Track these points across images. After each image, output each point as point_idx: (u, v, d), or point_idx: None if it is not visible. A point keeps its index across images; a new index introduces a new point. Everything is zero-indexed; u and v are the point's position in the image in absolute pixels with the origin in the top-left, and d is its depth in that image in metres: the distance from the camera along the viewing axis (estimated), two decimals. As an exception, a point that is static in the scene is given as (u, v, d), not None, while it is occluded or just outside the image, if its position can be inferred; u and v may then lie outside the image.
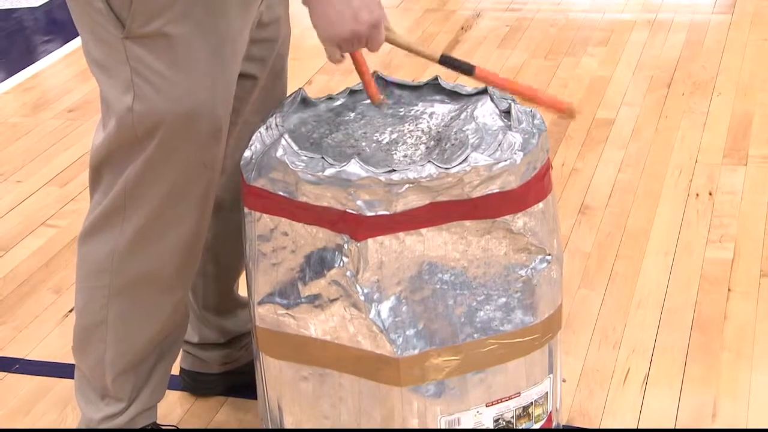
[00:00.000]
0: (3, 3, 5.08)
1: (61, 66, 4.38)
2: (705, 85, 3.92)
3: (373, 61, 2.06)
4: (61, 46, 4.51)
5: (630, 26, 4.48)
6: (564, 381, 2.34)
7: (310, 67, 4.07)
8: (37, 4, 4.93)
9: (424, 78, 2.21)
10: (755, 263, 2.93)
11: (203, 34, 1.92)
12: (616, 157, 3.48)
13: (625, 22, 4.53)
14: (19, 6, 5.02)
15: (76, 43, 2.59)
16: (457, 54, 4.22)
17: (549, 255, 1.96)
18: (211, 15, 1.93)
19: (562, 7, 4.76)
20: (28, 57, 4.55)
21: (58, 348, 2.70)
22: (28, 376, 2.66)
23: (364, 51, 1.94)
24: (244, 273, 2.10)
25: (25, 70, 4.41)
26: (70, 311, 2.69)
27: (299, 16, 2.00)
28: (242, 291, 2.23)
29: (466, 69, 2.03)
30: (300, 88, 2.14)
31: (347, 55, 1.95)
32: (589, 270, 2.93)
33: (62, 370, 2.62)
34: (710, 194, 3.25)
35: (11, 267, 3.10)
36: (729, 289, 2.83)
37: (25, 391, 2.61)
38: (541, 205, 1.93)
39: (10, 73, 4.41)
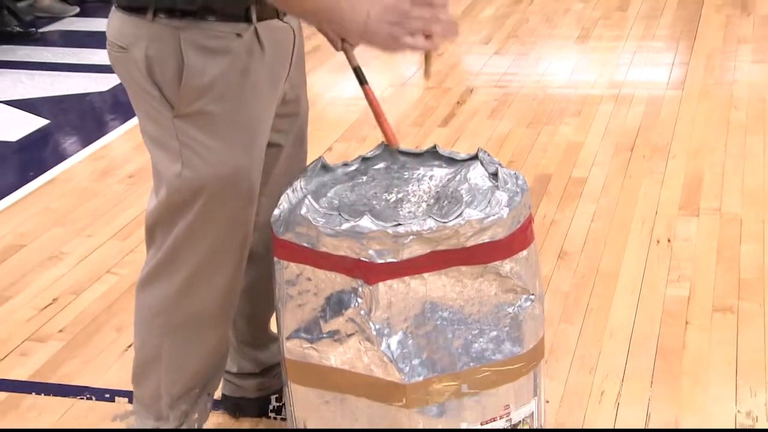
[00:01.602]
0: (78, 89, 5.11)
1: (124, 139, 4.40)
2: (662, 150, 3.92)
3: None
4: (123, 123, 4.54)
5: (598, 100, 4.49)
6: (547, 402, 2.33)
7: (330, 137, 4.07)
8: (105, 89, 4.96)
9: (425, 146, 2.20)
10: (708, 300, 2.91)
11: (237, 111, 1.94)
12: (589, 209, 3.48)
13: (594, 96, 4.54)
14: (90, 91, 5.05)
15: (135, 121, 2.62)
16: (456, 120, 4.29)
17: (532, 295, 1.95)
18: (243, 96, 1.94)
19: (541, 84, 4.78)
20: (98, 132, 4.57)
21: (120, 378, 2.68)
22: (95, 402, 2.65)
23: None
24: (274, 312, 2.09)
25: (95, 142, 4.43)
26: (129, 347, 2.68)
27: (320, 95, 2.01)
28: (273, 327, 2.21)
29: (362, 81, 2.04)
30: (320, 156, 2.13)
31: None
32: (568, 307, 2.92)
33: (122, 396, 2.61)
34: (669, 241, 3.24)
35: (81, 309, 3.09)
36: (686, 322, 2.81)
37: (92, 415, 2.60)
38: (525, 252, 1.93)
39: (83, 145, 4.43)
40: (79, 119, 4.82)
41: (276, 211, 1.97)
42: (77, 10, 6.49)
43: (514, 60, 5.15)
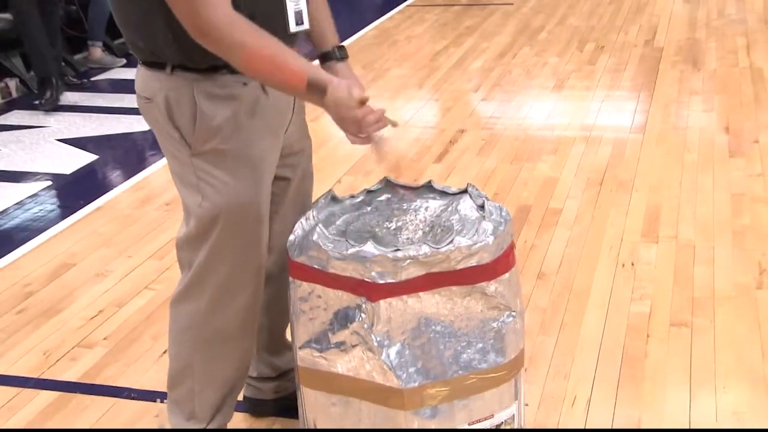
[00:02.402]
0: (123, 129, 5.13)
1: (161, 172, 4.41)
2: (626, 185, 3.92)
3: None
4: (161, 158, 4.54)
5: (572, 141, 4.48)
6: (527, 405, 2.33)
7: (339, 171, 4.06)
8: (145, 129, 4.95)
9: (422, 180, 2.20)
10: (666, 316, 2.90)
11: (245, 149, 1.95)
12: (564, 236, 3.47)
13: (568, 137, 4.54)
14: (133, 131, 5.06)
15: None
16: (448, 158, 4.29)
17: (514, 312, 1.96)
18: (250, 136, 1.95)
19: (523, 127, 4.78)
20: (139, 166, 4.58)
21: (156, 380, 2.68)
22: (134, 401, 2.63)
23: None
24: (289, 325, 2.08)
25: (136, 175, 4.44)
26: (164, 353, 2.67)
27: (331, 135, 2.01)
28: (288, 337, 2.19)
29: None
30: (331, 189, 2.14)
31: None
32: (545, 321, 2.90)
33: (158, 396, 2.60)
34: (632, 264, 3.23)
35: (124, 319, 3.08)
36: (648, 335, 2.80)
37: (131, 412, 2.59)
38: (507, 275, 1.94)
39: (126, 177, 4.44)
40: (123, 155, 4.83)
41: (291, 237, 1.98)
42: (124, 61, 6.52)
43: (499, 106, 5.15)
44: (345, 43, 2.15)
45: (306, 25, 1.98)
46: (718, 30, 6.36)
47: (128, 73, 6.26)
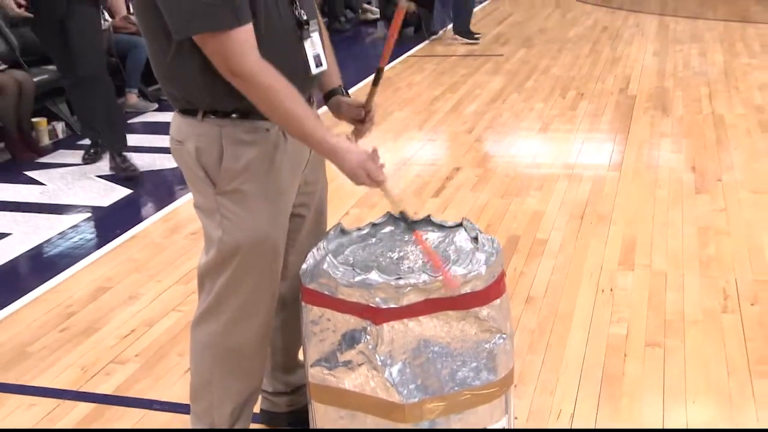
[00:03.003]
0: (155, 166, 5.14)
1: (188, 205, 4.39)
2: (605, 218, 3.91)
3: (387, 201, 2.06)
4: (187, 192, 4.53)
5: (556, 178, 4.48)
6: (516, 419, 2.31)
7: (347, 204, 4.07)
8: (174, 166, 4.95)
9: (421, 214, 2.19)
10: (641, 337, 2.88)
11: (265, 189, 1.96)
12: (549, 264, 3.46)
13: (553, 175, 4.54)
14: (163, 168, 5.07)
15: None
16: (445, 193, 4.29)
17: (504, 334, 1.95)
18: (269, 177, 1.96)
19: (512, 165, 4.78)
20: (168, 199, 4.58)
21: (181, 393, 2.65)
22: (162, 412, 2.62)
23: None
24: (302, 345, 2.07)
25: (166, 207, 4.45)
26: (188, 370, 2.64)
27: (339, 172, 2.00)
28: (300, 356, 2.18)
29: (409, 225, 2.07)
30: (339, 222, 2.14)
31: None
32: (533, 341, 2.88)
33: (183, 409, 2.56)
34: (611, 290, 3.22)
35: (153, 338, 3.07)
36: (625, 355, 2.78)
37: (160, 423, 2.57)
38: (498, 300, 1.93)
39: (157, 209, 4.45)
40: (155, 189, 4.84)
41: (304, 266, 1.98)
42: (156, 106, 6.55)
43: (491, 146, 5.16)
44: (351, 90, 2.17)
45: (324, 67, 1.99)
46: (684, 80, 6.38)
47: (159, 117, 6.30)
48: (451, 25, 8.84)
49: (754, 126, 5.11)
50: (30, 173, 5.13)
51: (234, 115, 1.88)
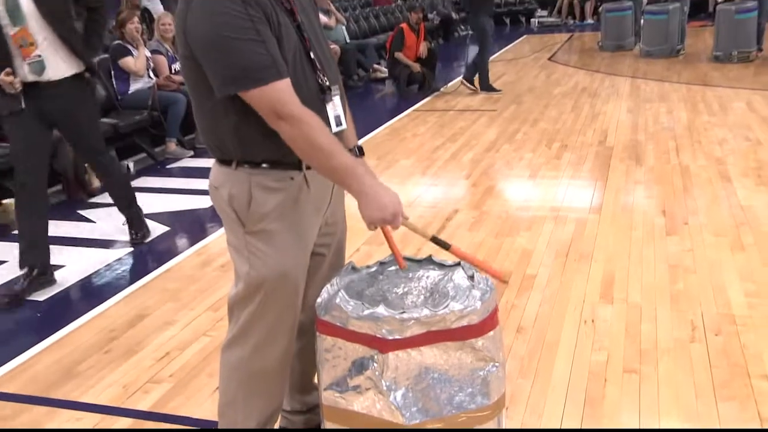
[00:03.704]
0: (190, 206, 5.16)
1: (218, 241, 4.42)
2: (587, 256, 3.89)
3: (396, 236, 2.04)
4: (218, 230, 4.56)
5: (543, 220, 4.47)
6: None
7: (358, 241, 4.07)
8: (207, 206, 4.99)
9: (423, 253, 2.18)
10: (620, 364, 2.85)
11: (289, 229, 1.96)
12: (538, 298, 3.44)
13: (540, 216, 4.53)
14: (197, 207, 5.09)
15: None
16: (445, 232, 4.28)
17: (497, 362, 1.93)
18: (293, 220, 1.96)
19: (505, 208, 4.77)
20: (201, 235, 4.59)
21: (211, 411, 2.64)
22: (193, 428, 2.61)
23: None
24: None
25: (199, 243, 4.46)
26: (216, 389, 2.62)
27: (351, 211, 2.00)
28: (316, 380, 2.16)
29: (445, 246, 2.04)
30: (351, 261, 2.12)
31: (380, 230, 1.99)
32: (524, 367, 2.86)
33: (212, 425, 2.56)
34: (592, 321, 3.19)
35: (185, 360, 3.06)
36: (605, 380, 2.75)
37: (189, 437, 2.55)
38: (492, 332, 1.91)
39: (191, 244, 4.46)
40: (189, 226, 4.85)
41: (319, 299, 1.97)
42: (191, 153, 6.59)
43: (486, 190, 5.15)
44: (364, 140, 2.17)
45: (344, 126, 2.00)
46: (654, 135, 6.39)
47: (194, 162, 6.34)
48: (452, 82, 8.95)
49: (715, 176, 5.10)
50: (82, 212, 5.17)
51: (264, 165, 1.90)
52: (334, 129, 1.96)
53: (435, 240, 2.03)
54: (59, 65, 3.77)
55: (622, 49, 11.80)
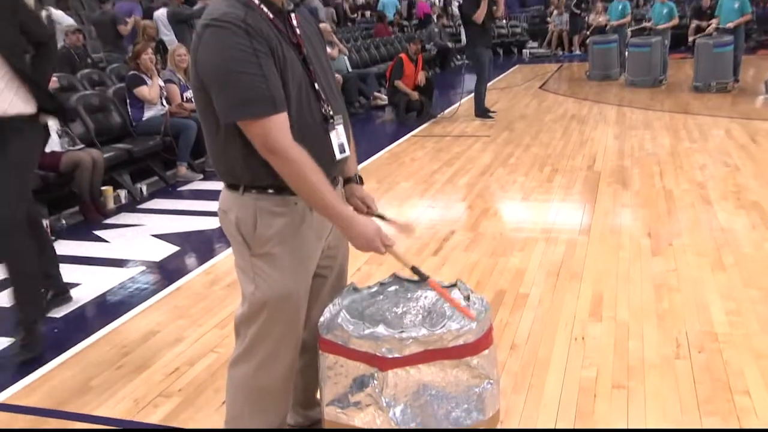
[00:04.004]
0: (199, 227, 5.16)
1: (225, 260, 4.41)
2: (577, 275, 3.88)
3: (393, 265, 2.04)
4: (226, 249, 4.54)
5: (536, 241, 4.46)
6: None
7: (359, 261, 4.04)
8: (215, 227, 4.99)
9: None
10: (608, 380, 2.83)
11: (292, 252, 1.96)
12: (530, 316, 3.42)
13: (532, 238, 4.52)
14: (206, 228, 5.09)
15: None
16: (442, 252, 4.27)
17: (492, 380, 1.92)
18: (296, 243, 1.96)
19: (498, 229, 4.76)
20: (209, 255, 4.58)
21: (218, 424, 2.60)
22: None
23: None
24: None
25: (207, 262, 4.44)
26: (224, 403, 2.60)
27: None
28: (318, 395, 2.14)
29: (423, 278, 2.04)
30: (352, 282, 2.12)
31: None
32: (517, 383, 2.84)
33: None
34: (582, 338, 3.17)
35: (194, 375, 3.04)
36: (595, 395, 2.73)
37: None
38: (487, 351, 1.91)
39: (200, 264, 4.43)
40: (198, 246, 4.83)
41: (321, 319, 1.97)
42: (201, 176, 6.59)
43: (481, 212, 5.15)
44: (365, 164, 2.19)
45: (347, 153, 2.01)
46: (640, 160, 6.40)
47: (204, 185, 6.34)
48: (449, 108, 8.98)
49: (696, 199, 5.10)
50: (97, 232, 5.16)
51: (269, 191, 1.90)
52: (338, 156, 1.97)
53: (415, 270, 2.03)
54: (12, 101, 3.19)
55: (608, 79, 11.87)
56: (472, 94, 9.06)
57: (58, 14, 8.69)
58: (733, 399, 2.65)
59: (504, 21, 16.83)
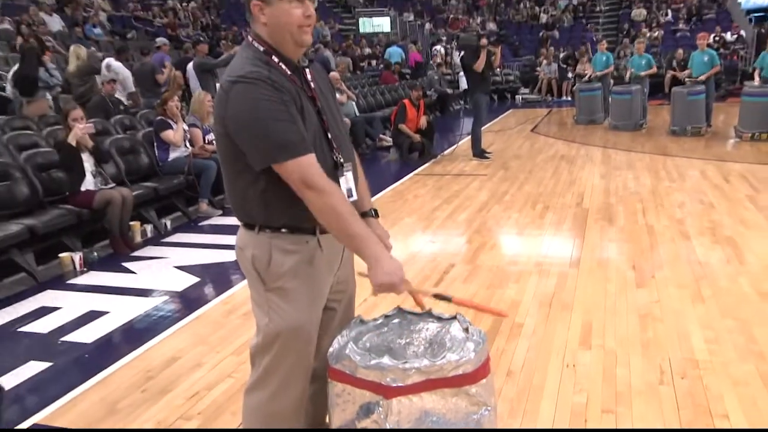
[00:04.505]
0: (218, 259, 5.13)
1: (242, 291, 4.39)
2: (568, 306, 3.86)
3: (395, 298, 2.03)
4: (242, 281, 4.51)
5: (529, 273, 4.45)
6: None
7: (365, 293, 4.01)
8: (233, 260, 4.95)
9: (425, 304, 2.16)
10: (598, 405, 2.80)
11: (304, 287, 1.96)
12: (525, 344, 3.39)
13: (525, 270, 4.51)
14: (224, 261, 5.07)
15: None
16: (443, 284, 4.25)
17: (489, 407, 1.90)
18: (307, 278, 1.96)
19: (495, 262, 4.74)
20: (227, 285, 4.56)
21: (233, 445, 2.58)
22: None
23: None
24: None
25: (225, 292, 4.42)
26: (240, 424, 2.58)
27: (359, 269, 1.98)
28: (327, 420, 2.11)
29: (447, 299, 2.03)
30: (359, 315, 2.11)
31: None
32: (513, 408, 2.80)
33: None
34: (573, 366, 3.14)
35: (212, 399, 3.02)
36: (585, 420, 2.70)
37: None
38: (484, 380, 1.90)
39: (218, 294, 4.42)
40: (217, 277, 4.82)
41: (330, 349, 1.96)
42: (220, 212, 6.59)
43: (478, 246, 5.14)
44: (371, 200, 2.18)
45: (355, 197, 2.02)
46: (624, 198, 6.40)
47: (223, 221, 6.34)
48: (448, 149, 9.01)
49: (676, 234, 5.09)
50: (125, 264, 5.16)
51: (283, 230, 1.90)
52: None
53: (438, 296, 2.02)
54: None
55: (594, 123, 11.95)
56: (470, 136, 9.11)
57: (116, 65, 8.84)
58: (713, 423, 2.62)
59: (499, 70, 16.96)
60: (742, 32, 17.33)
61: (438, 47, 18.66)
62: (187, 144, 6.63)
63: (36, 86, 8.04)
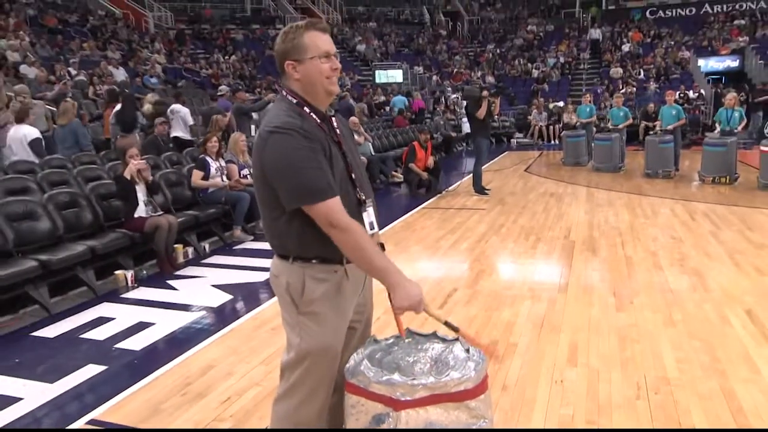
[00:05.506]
0: (250, 279, 5.13)
1: (271, 307, 4.39)
2: (556, 327, 3.84)
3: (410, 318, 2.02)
4: (270, 299, 4.51)
5: (523, 298, 4.43)
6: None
7: (378, 312, 3.99)
8: (263, 280, 4.97)
9: (429, 325, 2.16)
10: (583, 417, 2.77)
11: (333, 311, 1.95)
12: (519, 362, 3.36)
13: (519, 295, 4.49)
14: (255, 281, 5.07)
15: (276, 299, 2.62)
16: (446, 306, 4.23)
17: (487, 419, 1.89)
18: (336, 303, 1.95)
19: (493, 287, 4.72)
20: (257, 302, 4.55)
21: (260, 445, 2.56)
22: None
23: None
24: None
25: (255, 308, 4.40)
26: (266, 428, 2.57)
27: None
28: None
29: (455, 329, 2.04)
30: (373, 335, 2.10)
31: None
32: (507, 420, 2.78)
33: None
34: (561, 381, 3.11)
35: (242, 404, 3.01)
36: (571, 431, 2.66)
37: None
38: (483, 395, 1.89)
39: (249, 310, 4.38)
40: (248, 295, 4.81)
41: (347, 365, 1.96)
42: (252, 238, 6.60)
43: (478, 273, 5.12)
44: (383, 230, 2.21)
45: (377, 230, 2.02)
46: (606, 232, 6.38)
47: (254, 245, 6.36)
48: (452, 186, 9.02)
49: (650, 265, 5.06)
50: (170, 281, 5.18)
51: (314, 261, 1.91)
52: (369, 232, 1.98)
53: (447, 324, 2.02)
54: None
55: (579, 165, 11.96)
56: (472, 175, 9.13)
57: (176, 106, 9.10)
58: (685, 436, 2.58)
59: (497, 117, 17.03)
60: (702, 91, 17.61)
61: (450, 95, 18.76)
62: (224, 178, 6.69)
63: (135, 124, 8.52)
